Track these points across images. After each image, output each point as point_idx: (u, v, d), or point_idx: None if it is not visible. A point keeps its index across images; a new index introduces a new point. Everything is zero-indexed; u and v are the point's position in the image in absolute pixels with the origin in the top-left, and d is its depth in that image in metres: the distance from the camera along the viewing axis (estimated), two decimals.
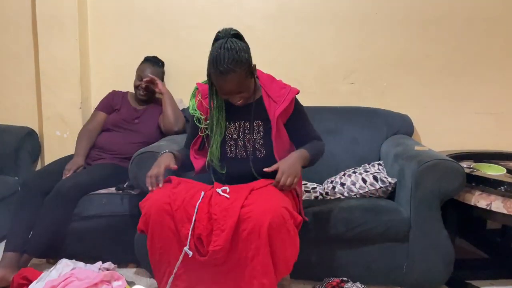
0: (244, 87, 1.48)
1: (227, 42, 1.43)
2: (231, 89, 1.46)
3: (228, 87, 1.45)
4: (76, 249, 2.01)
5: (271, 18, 2.54)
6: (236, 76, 1.42)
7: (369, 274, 1.85)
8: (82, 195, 1.99)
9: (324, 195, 2.06)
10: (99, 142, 2.28)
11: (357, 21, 2.50)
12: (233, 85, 1.44)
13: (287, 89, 1.60)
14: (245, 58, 1.45)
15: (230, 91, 1.47)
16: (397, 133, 2.36)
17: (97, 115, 2.36)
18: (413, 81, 2.52)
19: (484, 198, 1.76)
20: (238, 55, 1.42)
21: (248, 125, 1.63)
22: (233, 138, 1.64)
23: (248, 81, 1.50)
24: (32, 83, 2.68)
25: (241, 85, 1.46)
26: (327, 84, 2.56)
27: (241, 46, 1.45)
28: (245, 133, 1.63)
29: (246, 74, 1.46)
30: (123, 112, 2.35)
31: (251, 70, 1.50)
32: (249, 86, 1.52)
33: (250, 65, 1.49)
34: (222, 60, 1.40)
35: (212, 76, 1.47)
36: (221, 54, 1.41)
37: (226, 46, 1.42)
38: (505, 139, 2.49)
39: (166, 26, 2.59)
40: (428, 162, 1.75)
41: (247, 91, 1.52)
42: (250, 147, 1.62)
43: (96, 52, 2.63)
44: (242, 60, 1.43)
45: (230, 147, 1.65)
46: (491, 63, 2.48)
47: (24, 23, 2.63)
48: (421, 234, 1.79)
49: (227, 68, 1.40)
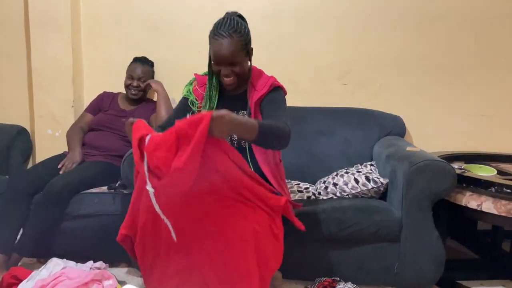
0: (237, 58, 1.50)
1: (231, 16, 1.54)
2: (224, 56, 1.48)
3: (223, 52, 1.48)
4: (67, 248, 2.00)
5: (267, 18, 2.54)
6: (232, 43, 1.47)
7: (360, 274, 1.85)
8: (73, 195, 1.98)
9: (316, 195, 2.07)
10: (87, 140, 2.29)
11: (351, 23, 2.51)
12: (228, 52, 1.47)
13: (268, 78, 1.63)
14: (244, 32, 1.52)
15: (223, 58, 1.49)
16: (389, 134, 2.37)
17: (84, 116, 2.39)
18: (406, 83, 2.53)
19: (474, 199, 1.77)
20: (239, 26, 1.50)
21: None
22: None
23: (242, 56, 1.52)
24: (24, 82, 2.66)
25: (234, 55, 1.49)
26: (321, 84, 2.57)
27: (243, 23, 1.55)
28: None
29: (242, 47, 1.50)
30: (109, 113, 2.36)
31: (247, 49, 1.54)
32: (242, 63, 1.53)
33: (247, 41, 1.54)
34: (223, 26, 1.49)
35: (211, 42, 1.52)
36: (223, 22, 1.51)
37: (230, 17, 1.52)
38: (496, 140, 2.51)
39: (160, 25, 2.58)
40: (420, 163, 1.76)
41: (240, 67, 1.52)
42: (235, 135, 1.63)
43: (89, 50, 2.62)
44: (241, 31, 1.50)
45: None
46: (483, 66, 2.50)
47: (17, 21, 2.61)
48: (412, 235, 1.80)
49: (225, 34, 1.47)
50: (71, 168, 2.09)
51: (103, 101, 2.41)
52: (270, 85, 1.59)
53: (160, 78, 2.58)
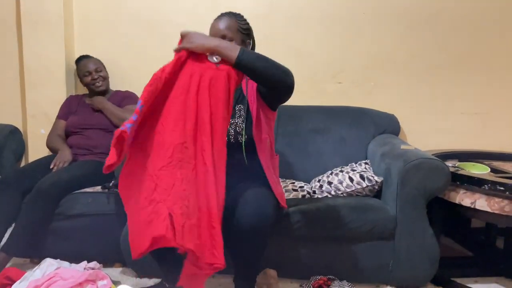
0: (231, 34, 1.55)
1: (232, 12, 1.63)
2: (219, 27, 1.55)
3: (219, 25, 1.55)
4: (61, 248, 1.99)
5: (260, 17, 2.54)
6: (230, 20, 1.56)
7: (355, 272, 1.86)
8: (63, 194, 1.96)
9: (311, 194, 2.06)
10: (73, 143, 2.28)
11: (345, 21, 2.52)
12: (224, 25, 1.55)
13: None
14: (244, 21, 1.62)
15: (217, 29, 1.55)
16: (384, 132, 2.38)
17: (58, 123, 2.39)
18: (400, 81, 2.54)
19: (468, 197, 1.78)
20: (239, 14, 1.62)
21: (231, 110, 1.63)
22: None
23: (237, 37, 1.57)
24: (17, 81, 2.64)
25: (229, 29, 1.55)
26: (315, 83, 2.57)
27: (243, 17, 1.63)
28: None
29: (238, 28, 1.57)
30: (80, 113, 2.35)
31: (243, 37, 1.60)
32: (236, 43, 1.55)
33: (245, 29, 1.61)
34: (224, 12, 1.61)
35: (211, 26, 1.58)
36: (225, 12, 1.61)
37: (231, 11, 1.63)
38: (490, 138, 2.53)
39: (153, 23, 2.57)
40: (414, 161, 1.77)
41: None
42: (232, 130, 1.62)
43: (82, 49, 2.60)
44: (242, 18, 1.61)
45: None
46: (476, 64, 2.51)
47: (9, 20, 2.60)
48: (407, 233, 1.80)
49: (225, 14, 1.59)
50: (63, 167, 2.08)
51: (71, 105, 2.41)
52: None
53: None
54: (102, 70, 2.39)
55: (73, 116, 2.35)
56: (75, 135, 2.30)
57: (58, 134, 2.32)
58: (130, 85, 2.50)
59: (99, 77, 2.35)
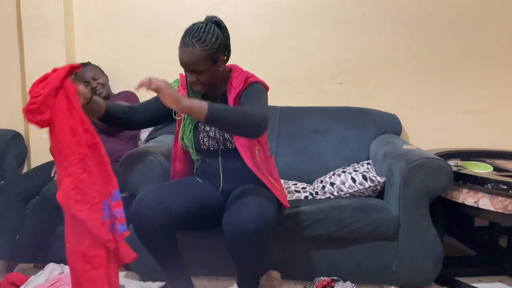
0: (199, 68, 1.49)
1: (204, 23, 1.52)
2: (186, 64, 1.49)
3: (184, 59, 1.49)
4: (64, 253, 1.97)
5: (259, 18, 2.54)
6: (194, 52, 1.46)
7: (359, 273, 1.86)
8: None
9: (314, 195, 2.07)
10: None
11: (344, 22, 2.52)
12: (188, 60, 1.47)
13: (244, 74, 1.60)
14: (210, 42, 1.48)
15: (184, 65, 1.50)
16: (385, 132, 2.38)
17: None
18: (401, 81, 2.54)
19: (471, 196, 1.78)
20: (205, 36, 1.48)
21: None
22: (205, 129, 1.65)
23: (207, 65, 1.49)
24: (18, 86, 2.64)
25: (196, 65, 1.48)
26: (315, 84, 2.57)
27: (212, 32, 1.50)
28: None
29: (205, 57, 1.47)
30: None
31: (214, 58, 1.50)
32: (208, 72, 1.51)
33: (214, 51, 1.49)
34: (189, 34, 1.48)
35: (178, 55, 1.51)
36: (191, 29, 1.50)
37: (200, 25, 1.50)
38: (491, 137, 2.52)
39: (153, 26, 2.58)
40: (416, 161, 1.76)
41: (205, 76, 1.51)
42: (221, 136, 1.62)
43: (83, 53, 2.60)
44: (206, 41, 1.47)
45: (203, 139, 1.65)
46: (477, 63, 2.51)
47: (9, 25, 2.60)
48: (410, 232, 1.80)
49: (189, 42, 1.47)
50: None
51: None
52: (244, 81, 1.57)
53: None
54: (100, 76, 2.37)
55: None
56: None
57: None
58: (131, 89, 2.50)
59: (98, 85, 2.34)
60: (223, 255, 1.84)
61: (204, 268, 1.92)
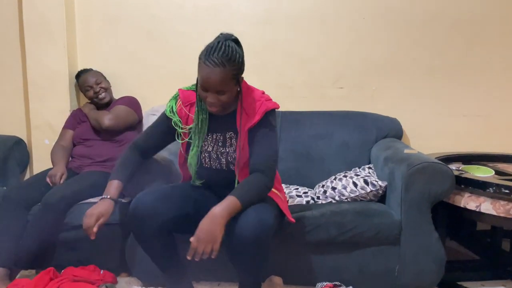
0: (226, 88, 1.42)
1: (227, 41, 1.44)
2: (214, 84, 1.39)
3: (212, 80, 1.39)
4: (66, 258, 1.99)
5: (260, 24, 2.55)
6: (224, 72, 1.38)
7: (361, 278, 1.85)
8: (70, 206, 1.96)
9: (315, 200, 2.06)
10: (79, 153, 2.29)
11: (345, 27, 2.53)
12: (217, 81, 1.39)
13: (261, 102, 1.54)
14: (238, 61, 1.43)
15: (212, 86, 1.40)
16: (386, 136, 2.38)
17: (65, 133, 2.37)
18: (402, 85, 2.54)
19: (473, 200, 1.77)
20: (233, 54, 1.41)
21: (221, 138, 1.61)
22: (207, 150, 1.63)
23: (231, 86, 1.44)
24: (20, 92, 2.66)
25: (224, 85, 1.40)
26: (316, 89, 2.58)
27: (238, 50, 1.45)
28: (218, 146, 1.62)
29: (232, 76, 1.42)
30: (83, 124, 2.37)
31: (238, 78, 1.46)
32: (230, 92, 1.45)
33: (240, 71, 1.46)
34: (217, 52, 1.38)
35: (200, 66, 1.41)
36: (217, 46, 1.40)
37: (225, 43, 1.42)
38: (493, 141, 2.52)
39: (154, 32, 2.59)
40: (418, 165, 1.76)
41: (227, 96, 1.45)
42: (224, 159, 1.61)
43: (85, 59, 2.62)
44: (235, 60, 1.41)
45: (204, 159, 1.64)
46: (477, 66, 2.51)
47: (12, 31, 2.61)
48: (412, 237, 1.80)
49: (218, 61, 1.37)
50: (58, 180, 2.06)
51: (78, 116, 2.42)
52: (262, 112, 1.52)
53: (155, 85, 2.61)
54: (102, 81, 2.39)
55: (83, 125, 2.36)
56: (79, 146, 2.31)
57: (61, 145, 2.32)
58: (132, 94, 2.51)
59: (101, 89, 2.36)
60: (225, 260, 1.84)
61: (206, 274, 1.91)
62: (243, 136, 1.54)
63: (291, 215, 1.65)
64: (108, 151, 2.26)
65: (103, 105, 2.38)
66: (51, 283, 1.73)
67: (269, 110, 1.54)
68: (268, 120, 1.54)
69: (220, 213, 1.34)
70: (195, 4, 2.55)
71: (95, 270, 1.93)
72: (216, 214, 1.34)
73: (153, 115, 2.50)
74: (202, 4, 2.55)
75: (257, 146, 1.52)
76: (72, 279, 1.79)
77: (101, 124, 2.23)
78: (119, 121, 2.27)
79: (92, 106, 2.39)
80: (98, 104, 2.37)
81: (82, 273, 1.88)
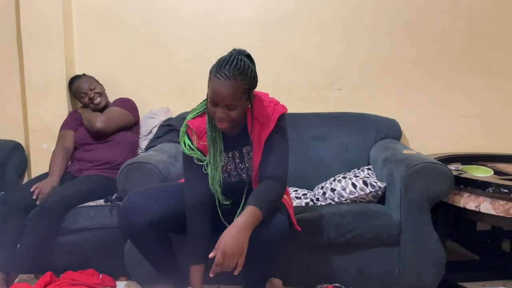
0: (237, 102, 1.36)
1: (239, 56, 1.39)
2: (224, 97, 1.34)
3: (223, 94, 1.33)
4: (65, 262, 1.98)
5: (258, 26, 2.55)
6: (235, 86, 1.33)
7: (361, 279, 1.84)
8: (68, 209, 1.96)
9: (314, 201, 2.06)
10: (79, 156, 2.29)
11: (343, 28, 2.53)
12: (229, 94, 1.33)
13: (271, 108, 1.50)
14: (250, 75, 1.38)
15: (222, 99, 1.34)
16: (385, 137, 2.38)
17: (66, 133, 2.35)
18: (400, 86, 2.55)
19: (472, 200, 1.77)
20: (245, 68, 1.36)
21: (238, 154, 1.58)
22: (226, 170, 1.59)
23: (242, 101, 1.39)
24: (18, 96, 2.65)
25: (234, 99, 1.35)
26: (315, 90, 2.58)
27: (250, 65, 1.40)
28: (236, 162, 1.59)
29: (244, 91, 1.37)
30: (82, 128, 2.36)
31: (249, 93, 1.41)
32: (241, 108, 1.39)
33: (251, 86, 1.40)
34: (228, 65, 1.34)
35: (211, 79, 1.37)
36: (230, 60, 1.36)
37: (238, 57, 1.38)
38: (492, 141, 2.52)
39: (152, 35, 2.59)
40: (417, 166, 1.76)
41: (237, 112, 1.39)
42: (244, 174, 1.59)
43: (82, 63, 2.61)
44: (247, 74, 1.36)
45: (224, 176, 1.61)
46: (476, 67, 2.52)
47: (9, 36, 2.61)
48: (412, 238, 1.79)
49: (230, 74, 1.33)
50: (46, 192, 2.02)
51: (77, 118, 2.41)
52: (276, 119, 1.48)
53: (153, 89, 2.60)
54: (96, 86, 2.38)
55: (81, 130, 2.35)
56: (78, 150, 2.31)
57: (65, 146, 2.29)
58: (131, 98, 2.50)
59: (95, 95, 2.35)
60: None
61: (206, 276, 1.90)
62: (257, 146, 1.50)
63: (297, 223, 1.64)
64: (107, 155, 2.26)
65: (100, 110, 2.38)
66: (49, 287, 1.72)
67: (280, 116, 1.50)
68: (281, 126, 1.51)
69: (245, 225, 1.30)
70: (192, 8, 2.55)
71: (94, 274, 1.93)
72: (240, 227, 1.29)
73: (152, 118, 2.50)
74: (199, 7, 2.55)
75: (271, 153, 1.48)
76: (70, 283, 1.78)
77: (93, 126, 2.23)
78: (111, 123, 2.27)
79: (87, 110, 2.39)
80: (95, 109, 2.37)
81: (81, 277, 1.87)
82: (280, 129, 1.51)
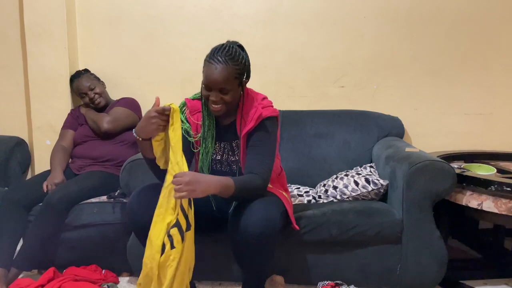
0: (229, 86, 1.45)
1: (232, 44, 1.50)
2: (216, 81, 1.43)
3: (216, 77, 1.43)
4: (67, 259, 1.99)
5: (261, 23, 2.55)
6: (226, 70, 1.43)
7: (363, 277, 1.85)
8: (72, 206, 1.97)
9: (317, 199, 2.06)
10: (81, 152, 2.29)
11: (346, 25, 2.52)
12: (220, 78, 1.43)
13: (257, 108, 1.55)
14: (241, 62, 1.48)
15: (214, 83, 1.44)
16: (388, 135, 2.37)
17: (66, 133, 2.36)
18: (403, 84, 2.54)
19: (475, 198, 1.77)
20: (236, 54, 1.47)
21: (229, 146, 1.63)
22: (216, 158, 1.64)
23: (234, 85, 1.47)
24: (21, 93, 2.66)
25: (226, 82, 1.44)
26: (318, 88, 2.58)
27: (242, 53, 1.50)
28: (228, 155, 1.63)
29: (235, 76, 1.46)
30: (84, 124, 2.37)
31: (241, 79, 1.50)
32: (233, 92, 1.48)
33: (243, 71, 1.49)
34: (221, 51, 1.45)
35: (205, 65, 1.47)
36: (221, 48, 1.47)
37: (229, 45, 1.48)
38: (494, 139, 2.51)
39: (155, 32, 2.59)
40: (419, 164, 1.76)
41: (230, 96, 1.47)
42: (235, 166, 1.63)
43: (85, 60, 2.62)
44: (238, 60, 1.46)
45: (216, 165, 1.66)
46: (479, 65, 2.50)
47: (13, 33, 2.62)
48: (414, 236, 1.79)
49: (221, 59, 1.43)
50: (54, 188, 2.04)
51: (78, 116, 2.41)
52: (256, 119, 1.53)
53: (156, 85, 2.61)
54: (96, 85, 2.37)
55: (81, 128, 2.36)
56: (80, 146, 2.31)
57: (62, 145, 2.31)
58: (134, 95, 2.51)
59: (95, 95, 2.35)
60: (227, 259, 1.84)
61: (207, 273, 1.91)
62: (242, 141, 1.56)
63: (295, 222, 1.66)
64: (109, 152, 2.26)
65: (101, 109, 2.38)
66: (52, 283, 1.73)
67: (265, 117, 1.54)
68: (264, 126, 1.55)
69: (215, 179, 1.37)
70: (195, 4, 2.55)
71: (96, 269, 1.94)
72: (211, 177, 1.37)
73: None
74: (202, 4, 2.55)
75: (252, 151, 1.54)
76: (73, 278, 1.79)
77: (100, 127, 2.24)
78: (118, 124, 2.27)
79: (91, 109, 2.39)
80: (95, 108, 2.37)
81: (84, 272, 1.88)
82: (263, 130, 1.55)
